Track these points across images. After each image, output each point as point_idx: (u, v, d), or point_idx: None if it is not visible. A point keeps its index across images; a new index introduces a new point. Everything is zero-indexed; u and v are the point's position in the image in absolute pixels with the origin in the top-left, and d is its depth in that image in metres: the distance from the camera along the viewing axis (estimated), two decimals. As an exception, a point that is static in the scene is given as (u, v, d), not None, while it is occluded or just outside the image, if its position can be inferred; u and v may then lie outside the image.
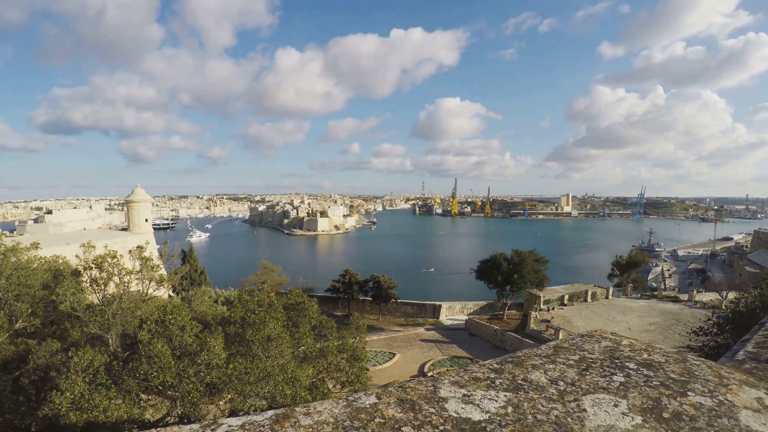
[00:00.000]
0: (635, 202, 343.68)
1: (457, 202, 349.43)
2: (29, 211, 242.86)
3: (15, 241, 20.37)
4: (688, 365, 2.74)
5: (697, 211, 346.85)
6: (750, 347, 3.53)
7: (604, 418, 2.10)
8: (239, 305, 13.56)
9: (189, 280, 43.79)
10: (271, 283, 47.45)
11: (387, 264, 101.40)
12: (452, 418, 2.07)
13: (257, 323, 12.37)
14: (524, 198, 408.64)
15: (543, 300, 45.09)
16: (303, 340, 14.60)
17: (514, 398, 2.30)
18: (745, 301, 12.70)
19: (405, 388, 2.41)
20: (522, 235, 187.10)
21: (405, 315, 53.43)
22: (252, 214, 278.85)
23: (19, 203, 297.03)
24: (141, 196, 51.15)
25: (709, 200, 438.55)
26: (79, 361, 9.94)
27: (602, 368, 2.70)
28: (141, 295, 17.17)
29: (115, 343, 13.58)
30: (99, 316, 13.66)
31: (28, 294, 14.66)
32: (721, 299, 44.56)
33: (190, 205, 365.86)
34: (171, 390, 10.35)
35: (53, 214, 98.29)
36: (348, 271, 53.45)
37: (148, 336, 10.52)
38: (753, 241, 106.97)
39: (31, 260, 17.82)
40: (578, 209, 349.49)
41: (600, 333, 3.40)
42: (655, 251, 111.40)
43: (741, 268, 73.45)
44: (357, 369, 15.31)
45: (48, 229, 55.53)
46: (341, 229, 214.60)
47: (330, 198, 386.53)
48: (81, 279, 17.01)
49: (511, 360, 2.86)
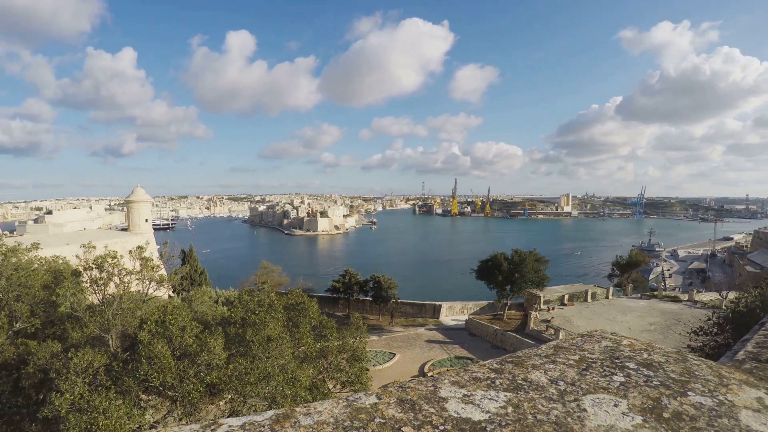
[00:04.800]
0: (635, 202, 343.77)
1: (457, 202, 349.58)
2: (29, 211, 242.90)
3: (15, 241, 20.37)
4: (688, 365, 2.74)
5: (697, 211, 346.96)
6: (750, 347, 3.53)
7: (604, 418, 2.10)
8: (239, 305, 13.56)
9: (189, 281, 43.79)
10: (271, 283, 47.40)
11: (387, 264, 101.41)
12: (452, 418, 2.07)
13: (257, 323, 12.38)
14: (524, 198, 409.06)
15: (543, 300, 45.10)
16: (303, 340, 14.60)
17: (514, 398, 2.30)
18: (745, 301, 12.69)
19: (405, 388, 2.41)
20: (522, 235, 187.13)
21: (405, 315, 53.42)
22: (252, 215, 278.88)
23: (19, 203, 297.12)
24: (141, 196, 51.15)
25: (709, 200, 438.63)
26: (78, 362, 9.93)
27: (602, 368, 2.69)
28: (141, 296, 17.16)
29: (116, 344, 13.57)
30: (99, 316, 13.66)
31: (29, 295, 14.66)
32: (721, 299, 44.56)
33: (190, 205, 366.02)
34: (171, 390, 10.34)
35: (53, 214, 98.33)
36: (348, 271, 53.42)
37: (148, 336, 10.52)
38: (753, 241, 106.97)
39: (32, 261, 17.81)
40: (578, 209, 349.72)
41: (600, 333, 3.40)
42: (655, 251, 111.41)
43: (741, 268, 73.44)
44: (357, 369, 15.32)
45: (48, 229, 55.51)
46: (341, 229, 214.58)
47: (330, 198, 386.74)
48: (81, 279, 17.01)
49: (511, 360, 2.86)
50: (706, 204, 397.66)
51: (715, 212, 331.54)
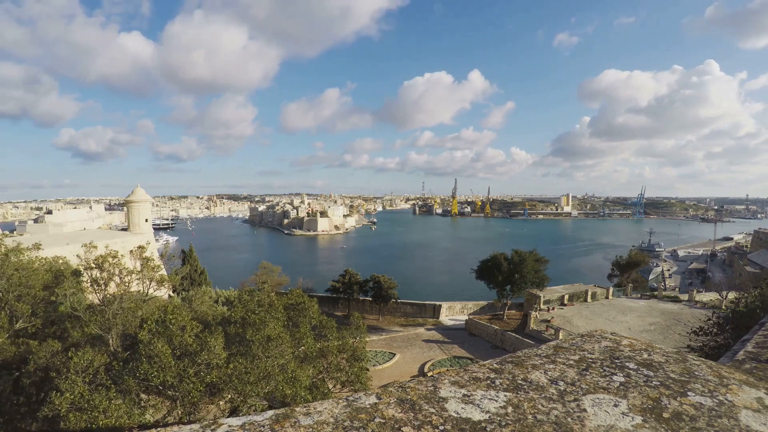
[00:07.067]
0: (635, 202, 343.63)
1: (457, 202, 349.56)
2: (29, 211, 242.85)
3: (15, 241, 20.37)
4: (688, 365, 2.74)
5: (697, 211, 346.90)
6: (750, 347, 3.53)
7: (604, 418, 2.11)
8: (239, 305, 13.56)
9: (189, 280, 43.79)
10: (271, 283, 47.39)
11: (387, 264, 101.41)
12: (452, 418, 2.07)
13: (257, 323, 12.38)
14: (524, 198, 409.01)
15: (543, 300, 45.07)
16: (303, 340, 14.60)
17: (514, 398, 2.30)
18: (745, 301, 12.69)
19: (405, 388, 2.41)
20: (522, 235, 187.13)
21: (405, 315, 53.41)
22: (252, 214, 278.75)
23: (19, 203, 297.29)
24: (141, 196, 51.17)
25: (709, 200, 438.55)
26: (79, 361, 9.94)
27: (602, 368, 2.70)
28: (141, 295, 17.17)
29: (116, 343, 13.58)
30: (99, 316, 13.67)
31: (29, 294, 14.66)
32: (721, 299, 44.55)
33: (190, 205, 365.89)
34: (171, 390, 10.34)
35: (53, 214, 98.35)
36: (348, 271, 53.42)
37: (148, 336, 10.52)
38: (753, 241, 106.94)
39: (32, 260, 17.82)
40: (578, 209, 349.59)
41: (600, 333, 3.40)
42: (655, 251, 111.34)
43: (741, 268, 73.41)
44: (357, 369, 15.30)
45: (48, 229, 55.55)
46: (341, 229, 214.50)
47: (330, 198, 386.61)
48: (81, 279, 17.02)
49: (511, 360, 2.86)
50: (706, 204, 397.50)
51: (715, 212, 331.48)
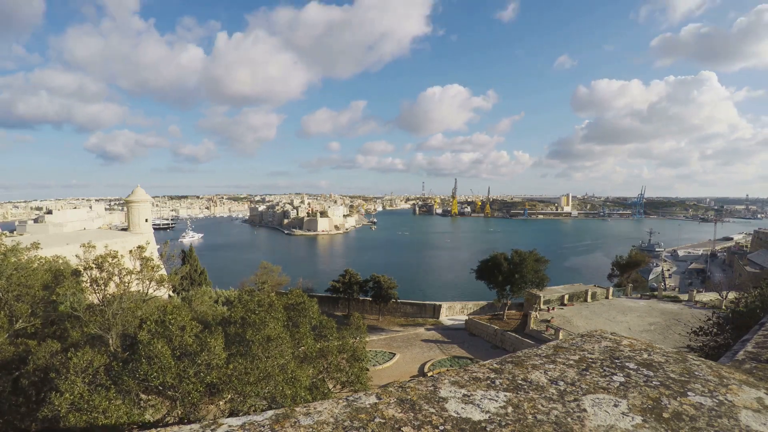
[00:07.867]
0: (635, 202, 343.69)
1: (457, 202, 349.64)
2: (29, 211, 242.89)
3: (15, 241, 20.37)
4: (688, 365, 2.74)
5: (697, 211, 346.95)
6: (750, 347, 3.53)
7: (604, 418, 2.10)
8: (239, 305, 13.56)
9: (189, 280, 43.78)
10: (271, 283, 47.37)
11: (387, 264, 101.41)
12: (452, 418, 2.07)
13: (257, 323, 12.37)
14: (524, 198, 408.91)
15: (543, 300, 45.07)
16: (303, 340, 14.59)
17: (514, 398, 2.30)
18: (745, 301, 12.70)
19: (405, 388, 2.41)
20: (522, 235, 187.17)
21: (405, 315, 53.41)
22: (252, 214, 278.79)
23: (19, 203, 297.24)
24: (141, 196, 51.15)
25: (709, 200, 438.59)
26: (78, 361, 9.93)
27: (602, 368, 2.69)
28: (141, 296, 17.16)
29: (115, 344, 13.58)
30: (99, 316, 13.67)
31: (29, 294, 14.65)
32: (721, 299, 44.55)
33: (190, 205, 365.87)
34: (171, 390, 10.34)
35: (53, 214, 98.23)
36: (348, 271, 53.42)
37: (148, 336, 10.52)
38: (753, 241, 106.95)
39: (32, 260, 17.81)
40: (578, 209, 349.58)
41: (600, 333, 3.40)
42: (655, 251, 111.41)
43: (741, 268, 73.43)
44: (357, 369, 15.31)
45: (48, 229, 55.45)
46: (341, 229, 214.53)
47: (330, 198, 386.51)
48: (81, 279, 17.01)
49: (511, 360, 2.86)
50: (705, 204, 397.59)
51: (714, 212, 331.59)
